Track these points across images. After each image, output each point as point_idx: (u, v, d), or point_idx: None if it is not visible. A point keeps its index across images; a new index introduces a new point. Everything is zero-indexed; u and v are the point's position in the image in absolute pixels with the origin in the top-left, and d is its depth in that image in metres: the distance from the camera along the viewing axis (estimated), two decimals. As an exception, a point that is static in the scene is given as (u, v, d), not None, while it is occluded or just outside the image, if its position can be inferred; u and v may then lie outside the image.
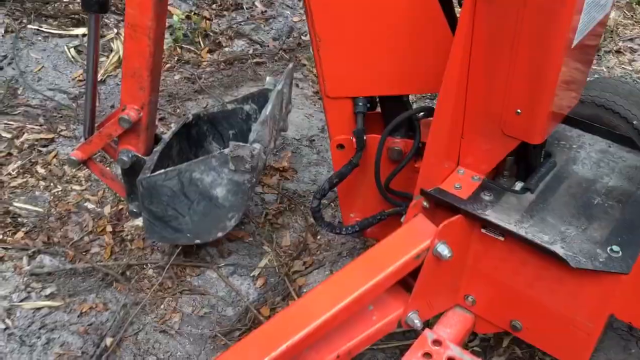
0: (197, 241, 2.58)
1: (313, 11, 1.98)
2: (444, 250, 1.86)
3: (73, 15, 4.55)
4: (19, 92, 3.93)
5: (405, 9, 1.90)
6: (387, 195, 2.26)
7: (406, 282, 2.01)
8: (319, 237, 3.02)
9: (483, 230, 1.92)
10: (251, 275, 2.82)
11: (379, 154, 2.15)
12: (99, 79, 4.06)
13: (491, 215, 1.86)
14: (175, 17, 4.39)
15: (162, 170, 2.38)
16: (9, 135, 3.52)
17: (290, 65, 2.56)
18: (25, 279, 2.67)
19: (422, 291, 1.98)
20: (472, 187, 1.95)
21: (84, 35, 4.38)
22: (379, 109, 2.32)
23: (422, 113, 2.16)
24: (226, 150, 2.25)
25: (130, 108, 2.38)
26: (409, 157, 2.15)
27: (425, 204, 1.98)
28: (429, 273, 1.94)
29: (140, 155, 2.52)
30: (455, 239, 1.90)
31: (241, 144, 2.20)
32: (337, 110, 2.19)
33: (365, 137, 2.17)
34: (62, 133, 3.57)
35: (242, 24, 4.56)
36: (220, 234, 2.52)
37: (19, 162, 3.33)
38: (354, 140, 2.16)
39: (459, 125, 1.91)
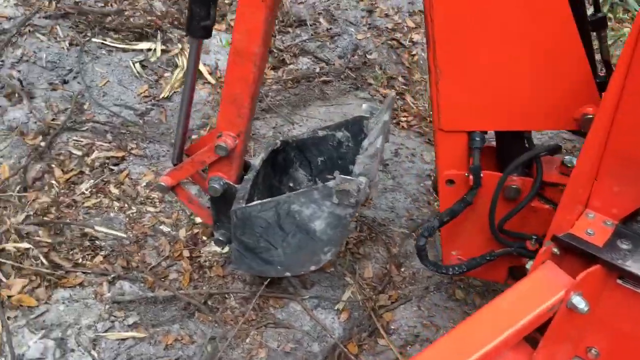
0: (287, 274, 2.48)
1: (437, 42, 1.88)
2: (580, 302, 1.72)
3: (136, 30, 4.51)
4: (85, 107, 3.89)
5: (545, 42, 1.78)
6: (500, 236, 2.13)
7: (527, 332, 1.88)
8: (402, 270, 2.90)
9: (619, 281, 1.78)
10: (335, 308, 2.71)
11: (497, 193, 2.02)
12: (164, 96, 4.02)
13: (633, 266, 1.71)
14: (241, 34, 4.32)
15: (259, 202, 2.29)
16: (79, 153, 3.46)
17: (392, 93, 2.45)
18: (107, 306, 2.59)
19: (548, 344, 1.84)
20: (606, 234, 1.81)
21: (148, 50, 4.34)
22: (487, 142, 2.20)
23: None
24: (331, 183, 2.15)
25: (227, 135, 2.30)
26: (530, 196, 2.02)
27: (555, 250, 1.84)
28: (559, 326, 1.80)
29: (231, 183, 2.43)
30: (590, 290, 1.76)
31: (349, 177, 2.10)
32: (450, 144, 2.08)
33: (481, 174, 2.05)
34: (133, 152, 3.51)
35: (307, 41, 4.48)
36: (313, 268, 2.42)
37: (92, 182, 3.27)
38: (470, 177, 2.04)
39: (595, 166, 1.78)
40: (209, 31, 2.16)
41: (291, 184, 2.78)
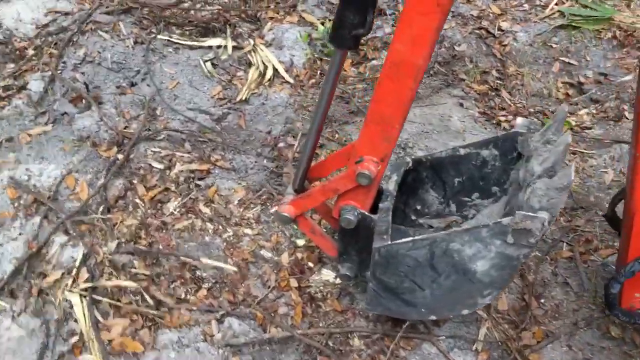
0: (432, 317, 2.16)
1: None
2: None
3: (201, 24, 4.16)
4: (158, 112, 3.57)
5: None
6: None
7: None
8: (542, 301, 2.55)
9: None
10: (473, 349, 2.38)
11: None
12: (242, 98, 3.68)
13: None
14: (321, 27, 3.96)
15: (409, 239, 1.95)
16: (160, 166, 3.15)
17: (564, 107, 2.08)
18: (221, 351, 2.29)
19: None
20: None
21: (218, 47, 3.99)
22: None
23: None
24: (506, 220, 1.80)
25: (370, 161, 1.96)
26: None
27: None
28: None
29: (367, 214, 2.10)
30: None
31: (531, 214, 1.75)
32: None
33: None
34: (218, 164, 3.19)
35: (390, 33, 4.09)
36: (465, 312, 2.09)
37: (179, 200, 2.96)
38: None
39: None
40: (359, 41, 1.82)
41: (419, 207, 2.44)
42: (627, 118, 3.67)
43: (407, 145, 3.27)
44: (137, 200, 2.94)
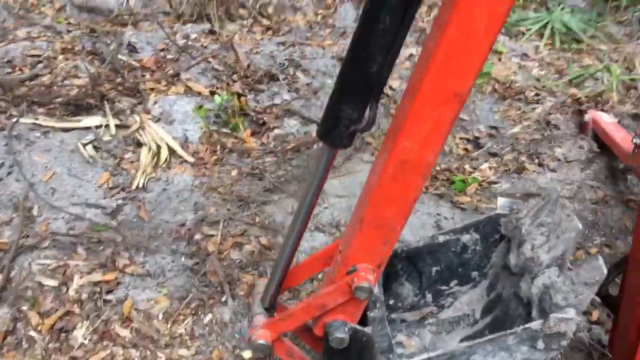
0: None
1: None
2: None
3: (71, 101, 3.61)
4: (35, 212, 2.95)
5: None
6: None
7: None
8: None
9: None
10: None
11: None
12: (138, 185, 3.19)
13: None
14: (217, 98, 3.61)
15: (425, 356, 1.68)
16: (53, 283, 2.56)
17: (557, 188, 1.95)
18: None
19: None
20: None
21: (97, 126, 3.46)
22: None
23: None
24: (536, 325, 1.61)
25: (365, 269, 1.67)
26: None
27: None
28: None
29: (359, 328, 1.79)
30: None
31: (566, 317, 1.58)
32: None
33: None
34: (127, 270, 2.67)
35: (290, 100, 3.86)
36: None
37: (87, 324, 2.41)
38: None
39: None
40: (353, 139, 1.54)
41: (391, 302, 2.19)
42: (527, 169, 3.77)
43: (340, 224, 3.02)
44: (32, 333, 2.34)
